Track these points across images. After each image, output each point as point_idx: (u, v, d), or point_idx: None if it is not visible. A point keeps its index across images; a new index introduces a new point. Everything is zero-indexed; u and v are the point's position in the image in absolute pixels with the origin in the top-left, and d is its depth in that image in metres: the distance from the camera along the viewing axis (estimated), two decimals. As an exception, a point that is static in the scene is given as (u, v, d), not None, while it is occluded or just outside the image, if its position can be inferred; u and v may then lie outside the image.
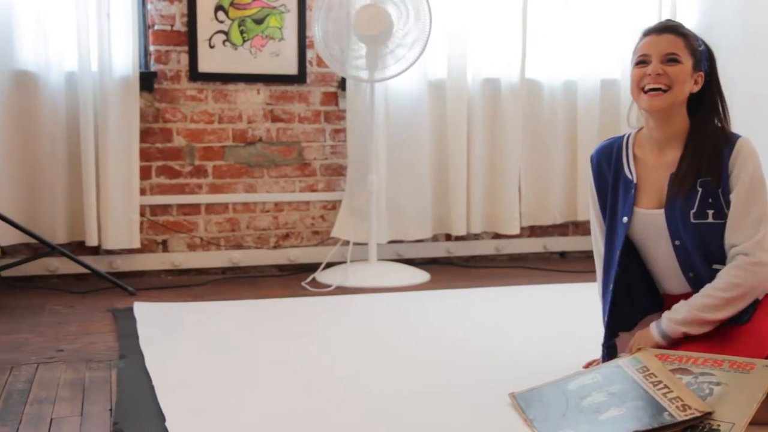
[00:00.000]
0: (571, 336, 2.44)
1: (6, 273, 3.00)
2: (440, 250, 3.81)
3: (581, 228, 3.98)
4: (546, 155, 3.84)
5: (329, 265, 3.45)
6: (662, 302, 2.01)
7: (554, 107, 3.82)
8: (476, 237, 3.85)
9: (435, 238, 3.80)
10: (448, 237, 3.82)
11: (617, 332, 1.99)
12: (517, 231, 3.79)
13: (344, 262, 3.38)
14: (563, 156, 3.87)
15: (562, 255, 4.01)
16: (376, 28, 3.20)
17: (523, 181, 3.83)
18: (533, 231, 3.96)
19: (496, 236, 3.87)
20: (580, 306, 2.76)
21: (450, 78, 3.62)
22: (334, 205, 3.64)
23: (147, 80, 3.33)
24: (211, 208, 3.49)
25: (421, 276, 3.43)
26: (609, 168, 2.01)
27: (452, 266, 3.74)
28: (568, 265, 3.76)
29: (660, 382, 1.67)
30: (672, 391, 1.63)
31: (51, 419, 1.78)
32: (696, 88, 1.92)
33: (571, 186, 3.89)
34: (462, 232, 3.71)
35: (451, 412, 1.82)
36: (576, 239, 3.98)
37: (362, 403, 1.88)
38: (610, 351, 1.99)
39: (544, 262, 3.85)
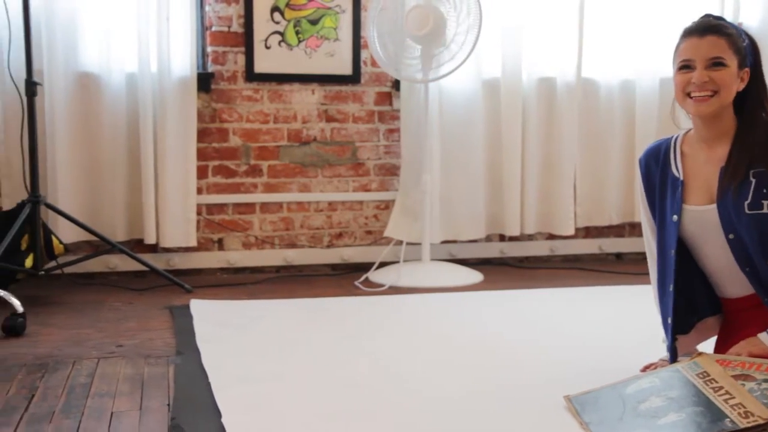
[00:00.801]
0: (627, 339, 2.40)
1: (68, 269, 3.08)
2: (494, 250, 3.79)
3: (638, 229, 3.90)
4: (602, 155, 3.78)
5: (382, 264, 3.45)
6: (719, 305, 1.97)
7: (611, 106, 3.77)
8: (530, 237, 3.82)
9: (488, 239, 3.78)
10: (502, 237, 3.80)
11: (675, 335, 1.96)
12: (572, 232, 3.75)
13: (397, 262, 3.38)
14: (620, 156, 3.81)
15: (618, 256, 3.94)
16: (426, 28, 3.19)
17: (579, 181, 3.78)
18: (588, 232, 3.91)
19: (551, 237, 3.84)
20: (636, 308, 2.71)
21: (504, 77, 3.59)
22: (388, 205, 3.64)
23: (204, 81, 3.38)
24: (265, 207, 3.53)
25: (474, 276, 3.41)
26: (657, 168, 1.99)
27: (506, 267, 3.71)
28: (624, 267, 3.70)
29: (721, 387, 1.63)
30: (734, 398, 1.59)
31: (111, 413, 1.82)
32: (742, 86, 1.89)
33: (628, 186, 3.83)
34: (516, 233, 3.68)
35: (505, 413, 1.81)
36: (633, 240, 3.92)
37: (415, 404, 1.88)
38: (671, 355, 1.95)
39: (600, 264, 3.79)
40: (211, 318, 2.67)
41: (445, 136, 3.58)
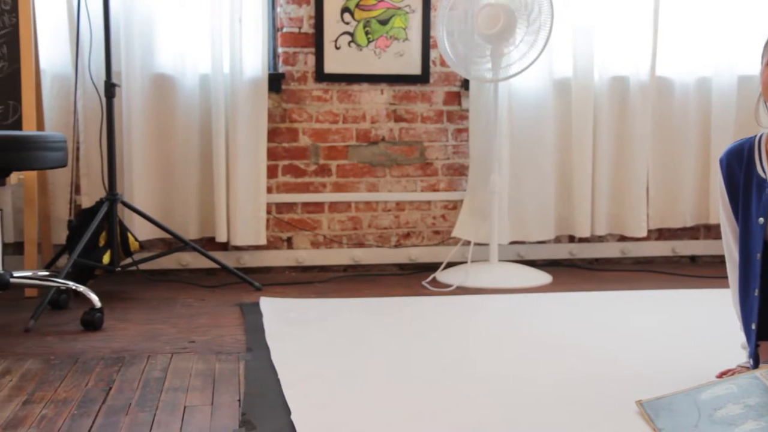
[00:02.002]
0: (702, 344, 2.34)
1: (143, 266, 3.16)
2: (563, 251, 3.74)
3: (713, 231, 3.81)
4: (677, 155, 3.69)
5: (450, 264, 3.44)
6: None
7: (686, 106, 3.67)
8: (600, 239, 3.75)
9: (557, 240, 3.73)
10: (571, 238, 3.75)
11: (758, 341, 1.89)
12: (644, 233, 3.67)
13: (465, 262, 3.36)
14: (695, 156, 3.71)
15: (693, 259, 3.84)
16: (497, 27, 3.16)
17: (652, 182, 3.70)
18: (661, 234, 3.82)
19: (622, 238, 3.76)
20: (712, 312, 2.64)
21: (576, 76, 3.54)
22: (455, 205, 3.63)
23: (275, 81, 3.43)
24: (334, 206, 3.56)
25: (543, 278, 3.38)
26: (740, 169, 1.92)
27: (575, 268, 3.66)
28: (699, 270, 3.60)
29: (803, 396, 1.58)
30: (816, 407, 1.53)
31: (184, 407, 1.86)
32: None
33: (703, 187, 3.73)
34: (586, 234, 3.62)
35: (575, 418, 1.78)
36: (708, 243, 3.81)
37: (482, 406, 1.87)
38: (753, 361, 1.89)
39: (673, 267, 3.70)
40: (280, 315, 2.71)
41: (514, 136, 3.55)
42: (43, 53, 3.16)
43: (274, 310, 2.79)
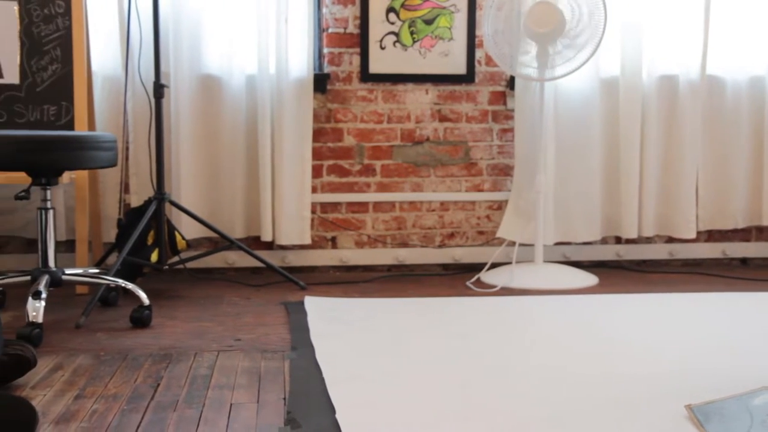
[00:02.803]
0: (754, 348, 2.29)
1: (190, 264, 3.20)
2: (609, 253, 3.69)
3: (766, 233, 3.73)
4: (727, 156, 3.62)
5: (494, 265, 3.43)
6: None
7: (738, 105, 3.60)
8: (648, 240, 3.70)
9: (604, 241, 3.69)
10: (618, 240, 3.70)
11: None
12: (693, 235, 3.60)
13: (509, 263, 3.34)
14: (747, 156, 3.64)
15: (744, 261, 3.77)
16: (548, 26, 3.14)
17: (701, 182, 3.63)
18: (711, 235, 3.75)
19: (670, 240, 3.70)
20: (764, 316, 2.58)
21: (624, 75, 3.49)
22: (500, 206, 3.61)
23: (320, 82, 3.45)
24: (378, 206, 3.56)
25: (589, 279, 3.34)
26: None
27: (622, 270, 3.61)
28: (750, 273, 3.53)
29: None
30: None
31: (231, 404, 1.88)
32: None
33: (755, 188, 3.66)
34: (633, 235, 3.57)
35: (622, 422, 1.76)
36: (760, 245, 3.73)
37: (528, 408, 1.85)
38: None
39: (723, 269, 3.63)
40: (325, 315, 2.72)
41: (560, 136, 3.51)
42: (94, 55, 3.22)
43: (319, 309, 2.80)
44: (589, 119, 3.50)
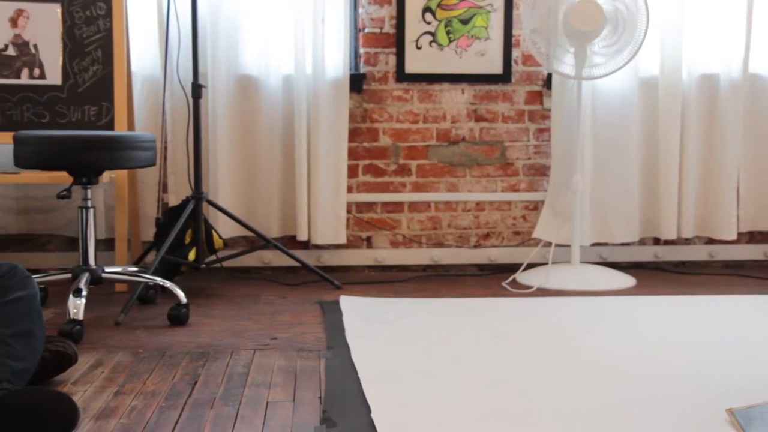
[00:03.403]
0: (797, 352, 2.25)
1: (227, 263, 3.23)
2: (647, 254, 3.65)
3: (809, 235, 3.65)
4: (770, 156, 3.56)
5: (530, 266, 3.41)
6: None
7: (781, 104, 3.54)
8: (687, 241, 3.65)
9: (642, 242, 3.64)
10: (657, 241, 3.65)
11: None
12: (734, 236, 3.55)
13: (545, 264, 3.32)
14: (791, 157, 3.57)
15: (786, 264, 3.70)
16: (591, 25, 3.10)
17: (743, 183, 3.57)
18: (753, 237, 3.68)
19: (710, 241, 3.65)
20: (807, 320, 2.53)
21: (663, 74, 3.45)
22: (536, 206, 3.59)
23: (356, 82, 3.45)
24: (413, 206, 3.56)
25: (627, 280, 3.30)
26: None
27: (660, 272, 3.56)
28: (792, 275, 3.47)
29: None
30: None
31: (267, 402, 1.90)
32: None
33: (799, 189, 3.59)
34: (672, 236, 3.52)
35: (661, 426, 1.74)
36: (802, 247, 3.66)
37: (562, 410, 1.84)
38: None
39: (765, 271, 3.57)
40: (360, 314, 2.73)
41: (597, 136, 3.48)
42: (134, 56, 3.27)
43: (354, 308, 2.81)
44: (628, 118, 3.46)
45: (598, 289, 3.17)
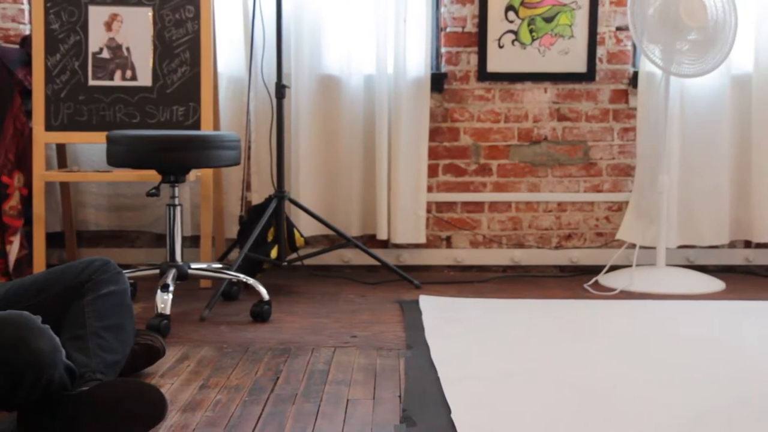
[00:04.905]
0: None
1: (308, 261, 3.27)
2: (738, 257, 3.52)
3: None
4: None
5: (613, 268, 3.34)
6: None
7: None
8: (781, 245, 3.51)
9: (732, 245, 3.52)
10: (748, 244, 3.53)
11: None
12: (832, 240, 3.40)
13: (629, 266, 3.25)
14: None
15: None
16: (697, 21, 3.01)
17: (842, 184, 3.41)
18: None
19: (806, 245, 3.50)
20: None
21: (757, 71, 3.33)
22: (620, 207, 3.51)
23: (437, 81, 3.45)
24: (494, 206, 3.53)
25: (715, 284, 3.20)
26: None
27: (751, 276, 3.44)
28: None
29: None
30: None
31: (347, 400, 1.91)
32: None
33: None
34: (765, 239, 3.39)
35: (752, 435, 1.68)
36: None
37: (649, 414, 1.80)
38: None
39: None
40: (440, 314, 2.72)
41: (685, 135, 3.38)
42: (220, 58, 3.34)
43: (434, 308, 2.81)
44: (718, 117, 3.35)
45: (684, 292, 3.08)
